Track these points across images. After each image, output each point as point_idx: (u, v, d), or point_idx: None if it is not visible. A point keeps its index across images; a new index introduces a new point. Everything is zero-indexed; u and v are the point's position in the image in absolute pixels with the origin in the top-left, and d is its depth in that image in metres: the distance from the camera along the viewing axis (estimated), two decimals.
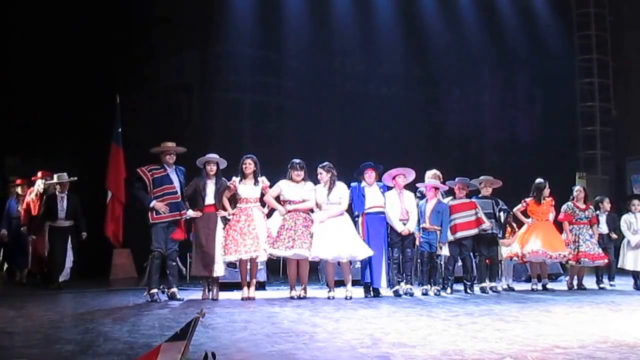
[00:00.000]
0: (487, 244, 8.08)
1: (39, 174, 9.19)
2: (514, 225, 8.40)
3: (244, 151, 7.77)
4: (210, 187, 7.30)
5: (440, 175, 8.17)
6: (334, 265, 7.47)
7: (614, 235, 8.83)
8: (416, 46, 13.38)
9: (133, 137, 9.90)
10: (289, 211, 7.24)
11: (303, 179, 7.40)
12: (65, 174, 8.76)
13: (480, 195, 8.23)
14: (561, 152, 13.62)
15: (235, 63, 12.56)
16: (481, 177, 8.32)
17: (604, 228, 8.79)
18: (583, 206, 8.59)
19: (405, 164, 8.02)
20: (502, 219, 8.12)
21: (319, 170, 7.49)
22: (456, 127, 13.85)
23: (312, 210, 7.41)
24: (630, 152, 13.60)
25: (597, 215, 8.73)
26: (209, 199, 7.27)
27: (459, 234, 7.87)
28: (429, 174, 8.20)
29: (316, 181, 7.53)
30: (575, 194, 8.72)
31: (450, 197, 8.13)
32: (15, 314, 5.93)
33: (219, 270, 7.17)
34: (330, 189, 7.40)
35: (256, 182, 7.31)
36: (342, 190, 7.48)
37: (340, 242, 7.19)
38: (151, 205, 7.03)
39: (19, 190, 9.57)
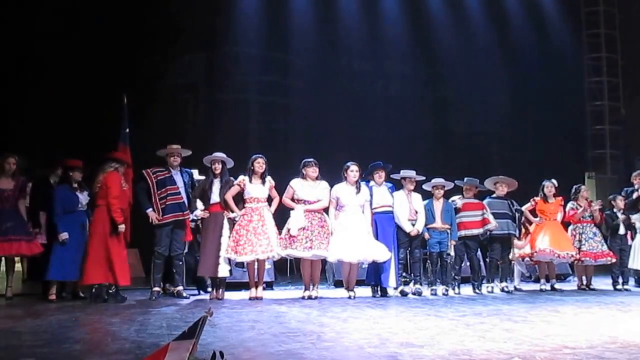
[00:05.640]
0: (501, 245, 8.07)
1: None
2: (528, 226, 8.44)
3: (250, 151, 7.76)
4: (216, 186, 7.31)
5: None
6: (355, 266, 7.39)
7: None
8: (424, 45, 13.36)
9: (140, 137, 9.92)
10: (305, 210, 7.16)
11: (317, 177, 7.35)
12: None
13: (494, 196, 8.22)
14: (570, 151, 13.55)
15: (242, 63, 12.57)
16: (498, 177, 8.26)
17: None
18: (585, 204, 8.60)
19: (413, 164, 8.03)
20: (518, 219, 8.18)
21: (353, 167, 7.39)
22: (464, 126, 13.81)
23: (326, 210, 7.35)
24: (639, 151, 13.51)
25: (611, 213, 8.70)
26: (215, 198, 7.28)
27: (463, 232, 7.89)
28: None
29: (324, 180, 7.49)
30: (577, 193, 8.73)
31: (459, 196, 8.11)
32: (23, 314, 5.95)
33: (222, 270, 7.15)
34: (358, 189, 7.37)
35: (264, 182, 7.30)
36: (367, 194, 7.43)
37: (363, 245, 7.16)
38: (147, 211, 7.17)
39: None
